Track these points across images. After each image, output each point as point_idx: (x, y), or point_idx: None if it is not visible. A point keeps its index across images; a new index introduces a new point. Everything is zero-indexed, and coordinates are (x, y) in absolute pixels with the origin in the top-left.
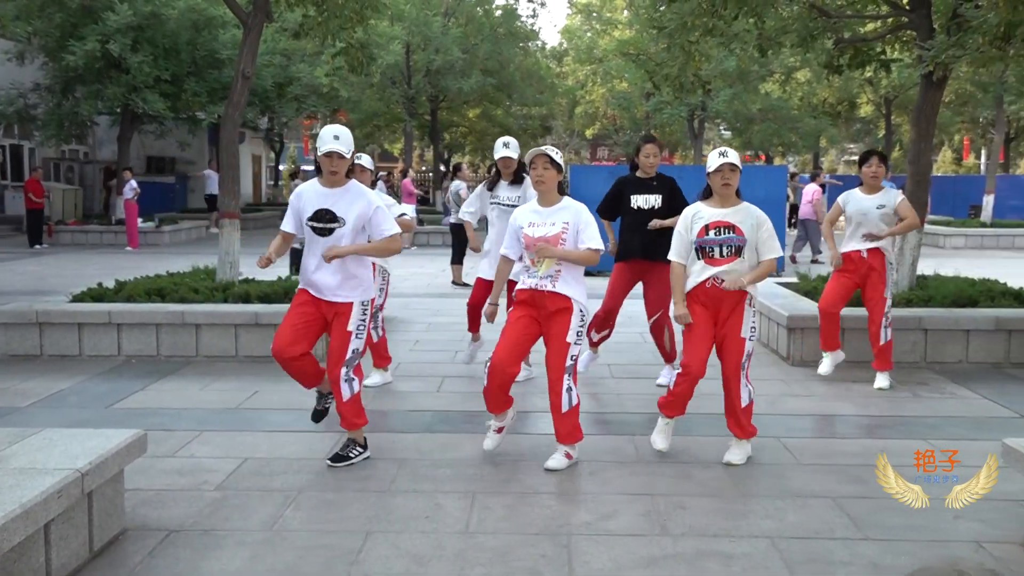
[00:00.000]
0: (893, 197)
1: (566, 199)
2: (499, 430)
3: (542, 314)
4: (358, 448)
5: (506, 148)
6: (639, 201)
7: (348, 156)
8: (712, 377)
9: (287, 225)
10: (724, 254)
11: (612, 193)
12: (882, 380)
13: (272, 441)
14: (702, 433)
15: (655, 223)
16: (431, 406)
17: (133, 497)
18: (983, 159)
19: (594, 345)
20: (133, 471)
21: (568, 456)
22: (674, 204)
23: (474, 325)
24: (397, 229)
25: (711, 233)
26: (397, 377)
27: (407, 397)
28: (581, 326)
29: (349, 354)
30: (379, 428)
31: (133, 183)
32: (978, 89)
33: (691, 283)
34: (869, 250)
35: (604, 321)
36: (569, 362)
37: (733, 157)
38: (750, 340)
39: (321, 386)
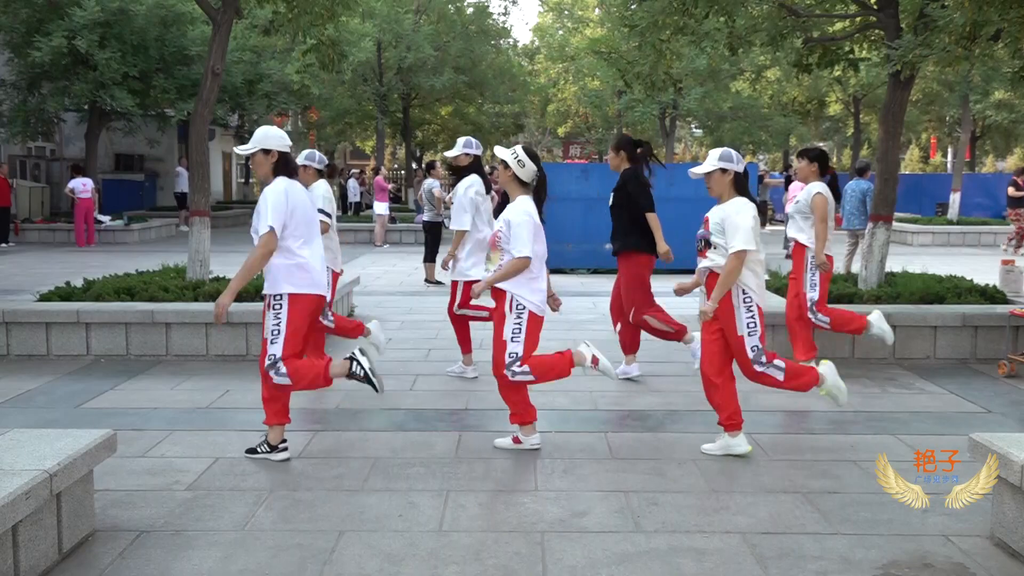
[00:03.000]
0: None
1: (517, 200)
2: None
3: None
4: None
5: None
6: None
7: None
8: (678, 374)
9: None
10: (701, 247)
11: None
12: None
13: (243, 440)
14: (673, 430)
15: None
16: (404, 404)
17: (103, 498)
18: (950, 157)
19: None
20: (103, 472)
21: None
22: None
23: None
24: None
25: (703, 228)
26: None
27: (380, 395)
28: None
29: None
30: (352, 427)
31: (79, 182)
32: (944, 88)
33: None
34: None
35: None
36: None
37: (702, 168)
38: (749, 336)
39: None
